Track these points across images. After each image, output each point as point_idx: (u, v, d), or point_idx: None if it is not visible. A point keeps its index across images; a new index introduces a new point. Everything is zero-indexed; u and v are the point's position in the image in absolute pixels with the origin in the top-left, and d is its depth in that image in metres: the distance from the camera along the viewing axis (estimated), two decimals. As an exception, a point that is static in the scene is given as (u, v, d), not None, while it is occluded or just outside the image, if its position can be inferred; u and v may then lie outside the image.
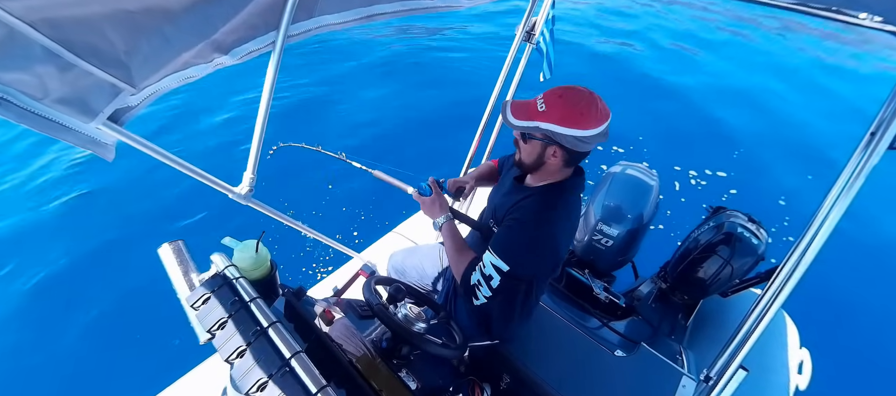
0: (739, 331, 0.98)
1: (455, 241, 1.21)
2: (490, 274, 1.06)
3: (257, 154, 1.10)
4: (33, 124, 0.67)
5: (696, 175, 4.34)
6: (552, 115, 1.00)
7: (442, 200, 1.28)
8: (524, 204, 1.11)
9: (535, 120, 1.02)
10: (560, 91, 1.01)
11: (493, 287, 1.06)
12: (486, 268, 1.07)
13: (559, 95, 1.00)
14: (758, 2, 1.09)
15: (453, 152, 1.65)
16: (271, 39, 0.95)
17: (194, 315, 0.75)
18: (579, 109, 0.99)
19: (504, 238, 1.09)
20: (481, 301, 1.11)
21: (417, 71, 6.34)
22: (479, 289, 1.09)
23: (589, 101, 0.99)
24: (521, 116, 1.05)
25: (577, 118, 0.98)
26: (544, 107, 1.01)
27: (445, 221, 1.24)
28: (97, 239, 3.30)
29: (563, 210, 1.09)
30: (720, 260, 1.84)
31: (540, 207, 1.08)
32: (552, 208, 1.08)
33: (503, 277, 1.04)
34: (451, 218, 1.26)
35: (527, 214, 1.08)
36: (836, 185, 0.87)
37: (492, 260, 1.05)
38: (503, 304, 1.24)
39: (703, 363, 1.64)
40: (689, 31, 8.96)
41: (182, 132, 4.61)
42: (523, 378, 1.35)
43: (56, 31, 0.58)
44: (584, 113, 0.98)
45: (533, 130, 1.04)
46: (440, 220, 1.25)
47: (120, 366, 2.50)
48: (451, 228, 1.24)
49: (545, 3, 1.72)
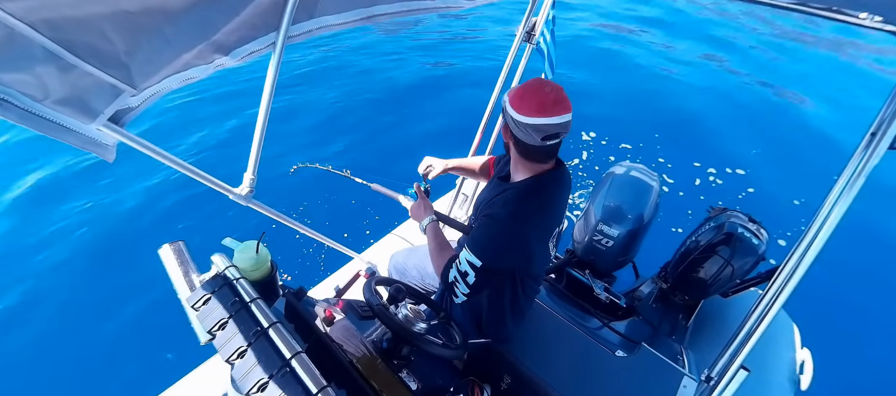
0: (740, 331, 0.98)
1: (436, 241, 1.24)
2: (465, 270, 1.08)
3: (257, 155, 1.10)
4: (34, 125, 0.67)
5: (696, 175, 4.34)
6: (511, 94, 1.05)
7: (426, 203, 1.34)
8: (497, 200, 1.13)
9: (507, 96, 1.08)
10: (535, 79, 1.06)
11: (469, 283, 1.08)
12: (462, 265, 1.08)
13: (529, 81, 1.05)
14: (758, 2, 1.09)
15: (452, 154, 1.65)
16: (271, 40, 0.95)
17: (195, 315, 0.75)
18: (523, 93, 1.02)
19: (477, 233, 1.12)
20: (461, 298, 1.13)
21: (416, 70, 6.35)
22: (457, 286, 1.11)
23: (536, 90, 1.01)
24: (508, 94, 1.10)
25: (517, 100, 1.02)
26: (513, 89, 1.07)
27: (429, 223, 1.29)
28: (97, 240, 3.30)
29: (534, 201, 1.10)
30: (721, 261, 1.84)
31: (513, 201, 1.09)
32: (523, 201, 1.09)
33: (477, 273, 1.06)
34: (434, 220, 1.30)
35: (498, 209, 1.10)
36: (837, 185, 0.87)
37: (466, 256, 1.07)
38: (492, 302, 1.27)
39: (703, 363, 1.63)
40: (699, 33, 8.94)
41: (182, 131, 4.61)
42: (524, 378, 1.35)
43: (56, 31, 0.58)
44: (524, 98, 1.01)
45: (504, 105, 1.09)
46: (425, 222, 1.29)
47: (120, 366, 2.50)
48: (433, 229, 1.27)
49: (545, 3, 1.72)
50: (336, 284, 1.91)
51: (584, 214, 2.08)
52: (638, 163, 2.21)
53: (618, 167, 2.17)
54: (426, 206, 1.32)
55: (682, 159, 4.53)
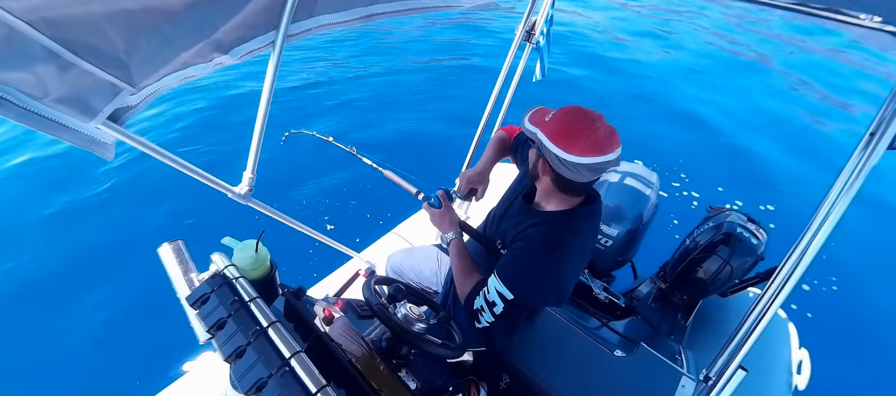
0: (739, 331, 0.98)
1: (462, 261, 1.18)
2: (494, 300, 1.04)
3: (257, 153, 1.10)
4: (33, 124, 0.67)
5: (697, 175, 4.34)
6: (548, 127, 0.95)
7: (452, 214, 1.24)
8: (532, 232, 1.05)
9: (537, 127, 0.98)
10: (572, 108, 0.96)
11: (496, 313, 1.05)
12: (490, 294, 1.04)
13: (566, 111, 0.95)
14: (758, 2, 1.09)
15: (453, 153, 1.64)
16: (271, 39, 0.95)
17: (194, 314, 0.75)
18: (571, 130, 0.92)
19: (510, 265, 1.05)
20: (484, 324, 1.10)
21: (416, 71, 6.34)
22: (482, 315, 1.08)
23: (586, 127, 0.91)
24: (533, 121, 1.00)
25: (564, 138, 0.92)
26: (550, 117, 0.96)
27: (455, 237, 1.20)
28: (96, 240, 3.29)
29: (572, 242, 1.03)
30: (719, 260, 1.84)
31: (549, 238, 1.02)
32: (561, 239, 1.02)
33: (507, 304, 1.03)
34: (460, 235, 1.22)
35: (534, 245, 1.02)
36: (836, 185, 0.87)
37: (497, 286, 1.03)
38: (506, 325, 1.22)
39: (702, 363, 1.63)
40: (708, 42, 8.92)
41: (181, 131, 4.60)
42: (522, 377, 1.35)
43: (56, 30, 0.58)
44: (574, 136, 0.91)
45: (533, 136, 0.99)
46: (449, 236, 1.21)
47: (119, 366, 2.50)
48: (459, 246, 1.20)
49: (545, 2, 1.72)
50: (335, 284, 1.91)
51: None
52: (637, 162, 2.21)
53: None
54: (452, 218, 1.22)
55: (683, 159, 4.53)
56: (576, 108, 0.96)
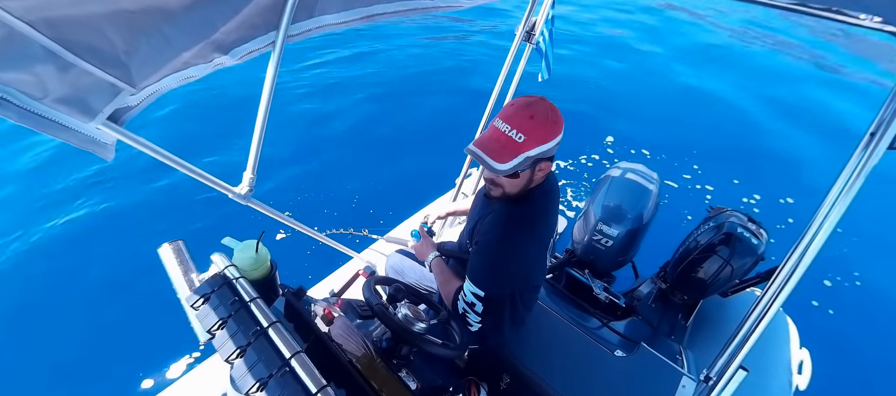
0: (739, 331, 0.98)
1: (442, 276, 1.26)
2: (472, 301, 1.08)
3: (257, 154, 1.10)
4: (33, 124, 0.67)
5: (697, 175, 4.34)
6: (535, 139, 0.96)
7: (428, 241, 1.38)
8: (487, 223, 1.10)
9: (521, 152, 0.96)
10: (526, 112, 0.97)
11: (479, 312, 1.08)
12: (468, 296, 1.09)
13: (529, 117, 0.96)
14: (758, 2, 1.09)
15: (453, 153, 1.65)
16: (271, 39, 0.95)
17: (194, 315, 0.75)
18: (551, 120, 0.98)
19: (473, 263, 1.10)
20: (476, 326, 1.14)
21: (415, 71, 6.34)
22: (469, 316, 1.12)
23: (549, 107, 0.99)
24: (508, 157, 0.96)
25: (551, 128, 0.98)
26: (523, 136, 0.95)
27: (434, 258, 1.31)
28: (96, 239, 3.29)
29: (527, 222, 1.07)
30: (720, 261, 1.84)
31: (503, 225, 1.07)
32: (514, 224, 1.06)
33: (483, 301, 1.06)
34: (438, 256, 1.32)
35: (490, 235, 1.07)
36: (836, 185, 0.87)
37: (470, 288, 1.08)
38: (494, 322, 1.24)
39: (702, 363, 1.63)
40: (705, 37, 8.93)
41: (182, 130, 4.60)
42: (523, 377, 1.35)
43: (56, 30, 0.58)
44: (555, 119, 0.99)
45: (523, 163, 0.98)
46: (429, 259, 1.32)
47: (119, 366, 2.50)
48: (438, 264, 1.30)
49: (545, 3, 1.72)
50: (335, 284, 1.91)
51: (583, 214, 2.08)
52: (637, 163, 2.21)
53: (617, 167, 2.17)
54: (429, 244, 1.37)
55: (682, 159, 4.53)
56: (527, 109, 0.97)
